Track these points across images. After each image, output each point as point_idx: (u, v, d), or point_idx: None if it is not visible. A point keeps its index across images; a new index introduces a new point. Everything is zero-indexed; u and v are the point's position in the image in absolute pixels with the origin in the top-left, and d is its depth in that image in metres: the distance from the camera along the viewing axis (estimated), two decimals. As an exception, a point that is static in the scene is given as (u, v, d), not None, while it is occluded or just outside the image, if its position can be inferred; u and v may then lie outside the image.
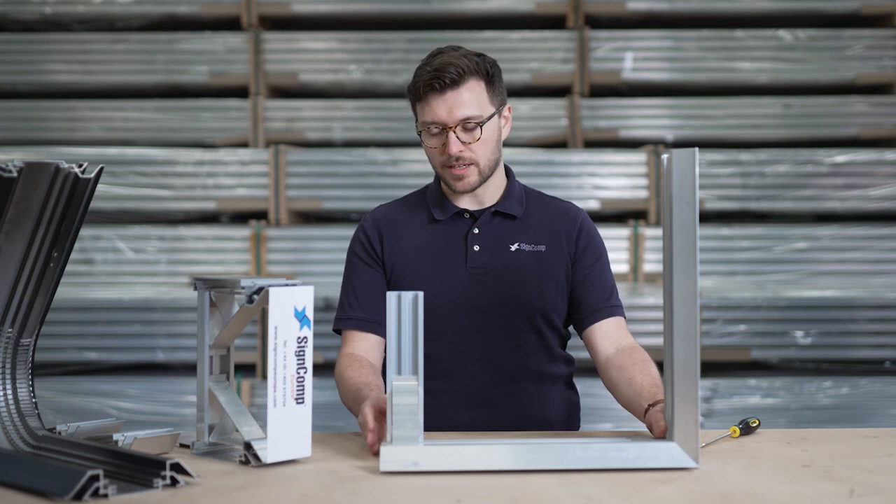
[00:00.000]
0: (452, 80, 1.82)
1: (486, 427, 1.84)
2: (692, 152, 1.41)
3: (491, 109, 1.87)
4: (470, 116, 1.83)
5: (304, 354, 1.46)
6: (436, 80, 1.82)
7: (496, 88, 1.89)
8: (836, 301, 3.55)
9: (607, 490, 1.33)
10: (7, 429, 1.48)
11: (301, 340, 1.46)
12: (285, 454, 1.45)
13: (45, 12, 4.18)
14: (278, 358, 1.43)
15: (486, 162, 1.88)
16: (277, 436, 1.44)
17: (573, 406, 2.03)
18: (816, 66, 4.12)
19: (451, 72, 1.81)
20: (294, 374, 1.45)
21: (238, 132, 4.12)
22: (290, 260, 3.88)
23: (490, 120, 1.86)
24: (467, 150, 1.85)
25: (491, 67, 1.87)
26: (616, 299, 1.97)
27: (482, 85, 1.86)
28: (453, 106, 1.83)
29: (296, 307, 1.45)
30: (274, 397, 1.43)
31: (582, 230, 1.97)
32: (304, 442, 1.47)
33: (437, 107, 1.84)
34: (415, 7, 4.16)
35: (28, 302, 1.48)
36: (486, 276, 1.91)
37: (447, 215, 1.95)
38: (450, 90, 1.83)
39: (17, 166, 1.35)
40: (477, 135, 1.85)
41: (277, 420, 1.43)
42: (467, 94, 1.83)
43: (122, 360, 3.59)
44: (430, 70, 1.83)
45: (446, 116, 1.83)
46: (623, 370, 1.80)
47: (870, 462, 1.49)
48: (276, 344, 1.43)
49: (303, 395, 1.46)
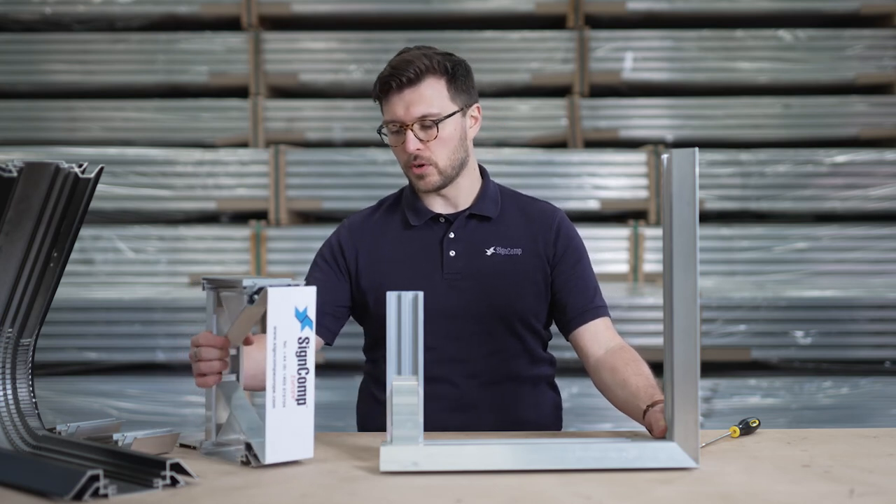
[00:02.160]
0: (409, 78, 1.82)
1: (470, 431, 1.83)
2: (692, 152, 1.41)
3: (452, 108, 1.86)
4: (426, 114, 1.83)
5: (305, 355, 1.45)
6: (393, 78, 1.83)
7: (459, 87, 1.87)
8: (836, 301, 3.54)
9: (607, 490, 1.33)
10: (7, 429, 1.48)
11: (302, 341, 1.45)
12: (285, 455, 1.45)
13: (45, 12, 4.18)
14: (277, 358, 1.43)
15: (445, 162, 1.86)
16: (277, 436, 1.43)
17: (556, 407, 2.02)
18: (816, 66, 4.12)
19: (409, 70, 1.82)
20: (295, 375, 1.44)
21: (238, 132, 4.12)
22: (290, 260, 3.87)
23: (450, 118, 1.85)
24: (425, 148, 1.84)
25: (454, 66, 1.86)
26: (600, 299, 1.95)
27: (442, 83, 1.85)
28: (410, 104, 1.83)
29: (297, 307, 1.44)
30: (273, 398, 1.42)
31: (560, 232, 1.95)
32: (306, 443, 1.47)
33: (396, 105, 1.84)
34: (415, 7, 4.16)
35: (28, 302, 1.48)
36: (462, 281, 1.90)
37: (422, 220, 1.94)
38: (407, 88, 1.83)
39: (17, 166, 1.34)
40: (434, 133, 1.84)
41: (277, 421, 1.43)
42: (426, 92, 1.83)
43: (122, 360, 3.59)
44: (388, 69, 1.84)
45: (403, 114, 1.83)
46: (615, 372, 1.79)
47: (870, 462, 1.49)
48: (275, 344, 1.42)
49: (304, 396, 1.45)
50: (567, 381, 3.36)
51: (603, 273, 3.75)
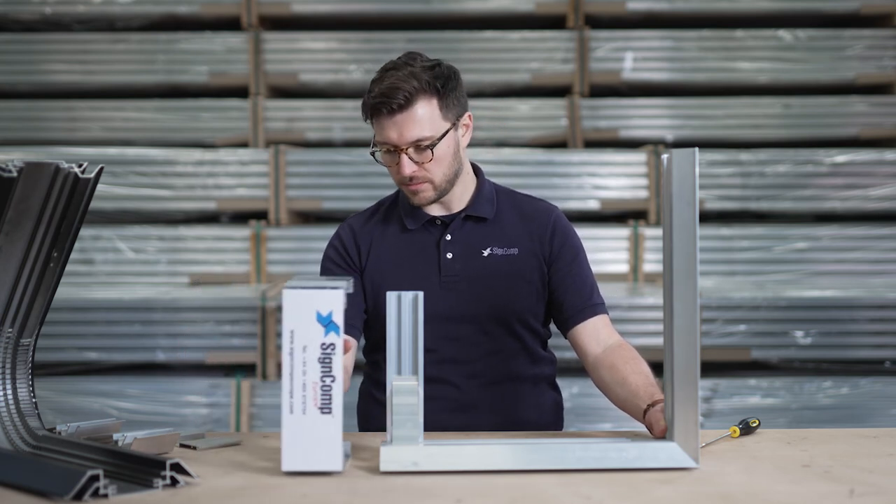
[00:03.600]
0: (400, 104, 1.77)
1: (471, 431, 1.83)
2: (692, 152, 1.41)
3: (445, 126, 1.83)
4: (421, 139, 1.80)
5: (329, 362, 1.39)
6: (383, 105, 1.78)
7: (450, 102, 1.83)
8: (836, 301, 3.54)
9: (607, 490, 1.33)
10: (7, 429, 1.48)
11: (326, 347, 1.39)
12: (305, 464, 1.40)
13: (45, 12, 4.17)
14: (295, 363, 1.38)
15: (441, 178, 1.85)
16: (294, 444, 1.39)
17: (557, 407, 2.02)
18: (816, 66, 4.12)
19: (399, 97, 1.77)
20: (317, 382, 1.39)
21: (238, 132, 4.12)
22: (290, 260, 3.87)
23: (444, 138, 1.82)
24: (421, 169, 1.82)
25: (443, 82, 1.81)
26: (598, 297, 1.94)
27: (433, 103, 1.81)
28: (403, 129, 1.79)
29: (319, 311, 1.39)
30: (290, 404, 1.39)
31: (556, 230, 1.94)
32: (333, 454, 1.40)
33: (388, 129, 1.80)
34: (415, 7, 4.16)
35: (28, 302, 1.48)
36: (460, 283, 1.90)
37: (418, 223, 1.93)
38: (399, 113, 1.78)
39: (17, 166, 1.34)
40: (429, 156, 1.81)
41: (294, 428, 1.39)
42: (418, 115, 1.79)
43: (122, 360, 3.59)
44: (377, 95, 1.79)
45: (397, 139, 1.80)
46: (614, 370, 1.79)
47: (870, 462, 1.49)
48: (291, 348, 1.39)
49: (329, 405, 1.39)
50: (567, 380, 3.36)
51: (603, 273, 3.75)
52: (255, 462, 1.51)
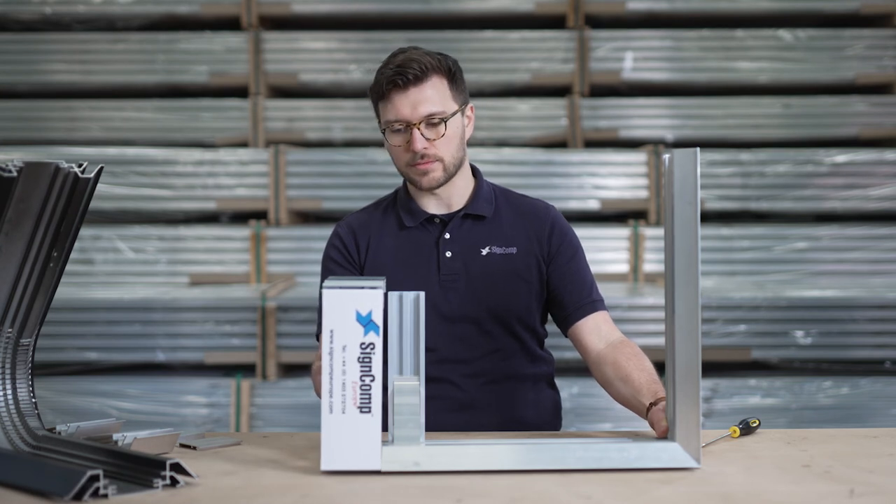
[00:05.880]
0: (416, 76, 1.81)
1: (471, 430, 1.83)
2: (693, 152, 1.41)
3: (454, 106, 1.86)
4: (434, 113, 1.83)
5: (369, 361, 1.39)
6: (399, 76, 1.81)
7: (458, 87, 1.88)
8: (836, 301, 3.54)
9: (608, 490, 1.33)
10: (7, 429, 1.48)
11: (366, 347, 1.39)
12: (344, 464, 1.40)
13: (45, 12, 4.18)
14: (335, 363, 1.39)
15: (450, 159, 1.86)
16: (334, 443, 1.39)
17: (556, 406, 2.02)
18: (816, 65, 4.12)
19: (415, 68, 1.81)
20: (357, 382, 1.39)
21: (238, 132, 4.12)
22: (290, 260, 3.88)
23: (454, 116, 1.85)
24: (432, 146, 1.84)
25: (453, 66, 1.87)
26: (597, 294, 1.94)
27: (445, 82, 1.85)
28: (416, 103, 1.82)
29: (358, 311, 1.39)
30: (330, 403, 1.39)
31: (554, 229, 1.94)
32: (372, 453, 1.40)
33: (401, 104, 1.83)
34: (415, 7, 4.16)
35: (28, 302, 1.48)
36: (459, 282, 1.90)
37: (417, 221, 1.93)
38: (413, 87, 1.82)
39: (17, 166, 1.34)
40: (441, 131, 1.83)
41: (334, 427, 1.39)
42: (430, 91, 1.83)
43: (122, 360, 3.59)
44: (392, 67, 1.83)
45: (410, 113, 1.82)
46: (617, 367, 1.78)
47: (870, 462, 1.49)
48: (331, 348, 1.39)
49: (369, 404, 1.39)
50: (567, 380, 3.36)
51: (603, 273, 3.75)
52: (255, 462, 1.51)
